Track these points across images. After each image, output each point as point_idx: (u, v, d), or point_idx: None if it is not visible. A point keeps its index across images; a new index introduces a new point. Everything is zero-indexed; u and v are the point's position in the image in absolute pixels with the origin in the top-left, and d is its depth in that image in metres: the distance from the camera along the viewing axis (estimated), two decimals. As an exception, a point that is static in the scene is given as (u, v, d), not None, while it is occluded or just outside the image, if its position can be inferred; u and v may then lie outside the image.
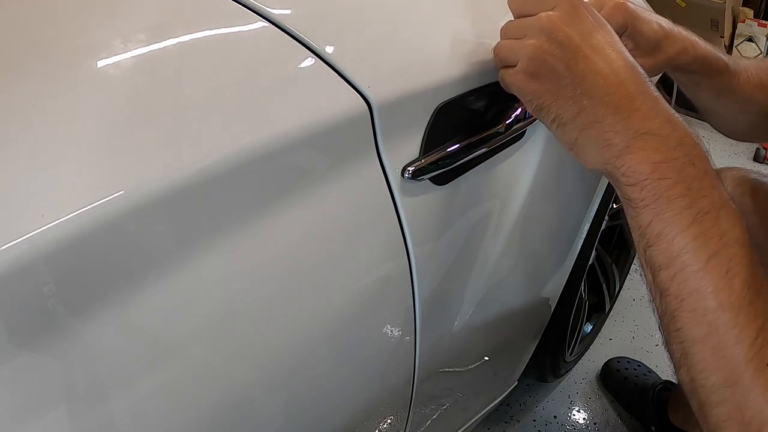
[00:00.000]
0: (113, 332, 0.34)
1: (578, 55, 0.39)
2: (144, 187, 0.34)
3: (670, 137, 0.36)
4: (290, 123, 0.41)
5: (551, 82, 0.40)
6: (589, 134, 0.38)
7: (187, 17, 0.42)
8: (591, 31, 0.40)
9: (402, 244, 0.51)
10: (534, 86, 0.41)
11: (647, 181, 0.35)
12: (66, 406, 0.33)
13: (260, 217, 0.40)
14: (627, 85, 0.38)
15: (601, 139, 0.38)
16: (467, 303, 0.65)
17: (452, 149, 0.52)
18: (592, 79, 0.38)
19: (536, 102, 0.42)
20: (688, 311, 0.35)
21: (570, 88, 0.39)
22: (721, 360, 0.34)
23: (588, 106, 0.38)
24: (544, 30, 0.40)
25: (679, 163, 0.35)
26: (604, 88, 0.38)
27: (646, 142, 0.36)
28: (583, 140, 0.39)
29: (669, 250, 0.35)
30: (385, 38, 0.50)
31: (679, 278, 0.35)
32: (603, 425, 1.23)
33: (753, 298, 0.34)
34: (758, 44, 2.51)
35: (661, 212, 0.35)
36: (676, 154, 0.35)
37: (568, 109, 0.39)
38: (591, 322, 1.34)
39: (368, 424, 0.58)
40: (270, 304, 0.42)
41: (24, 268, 0.30)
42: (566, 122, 0.40)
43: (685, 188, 0.35)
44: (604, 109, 0.37)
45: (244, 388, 0.42)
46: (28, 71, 0.35)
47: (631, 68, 0.39)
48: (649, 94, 0.38)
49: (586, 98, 0.38)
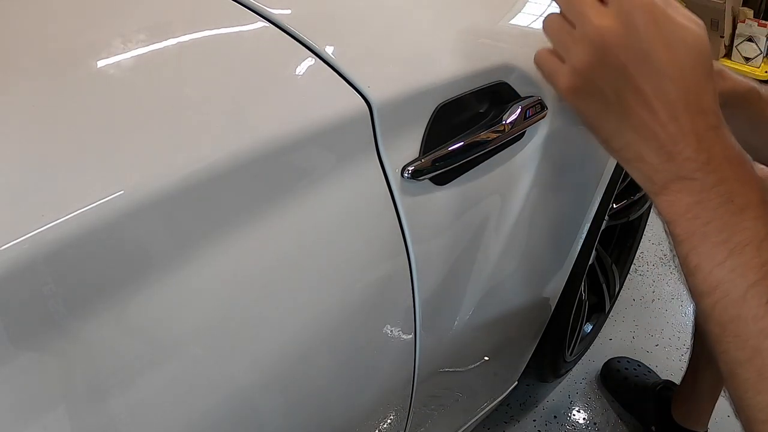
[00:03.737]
0: (113, 332, 0.34)
1: (629, 85, 0.36)
2: (144, 187, 0.34)
3: (707, 179, 0.36)
4: (290, 123, 0.41)
5: (599, 104, 0.37)
6: (633, 167, 0.38)
7: (187, 17, 0.42)
8: (649, 53, 0.36)
9: (402, 244, 0.51)
10: (583, 105, 0.38)
11: (681, 219, 0.36)
12: (66, 406, 0.33)
13: (260, 217, 0.40)
14: (678, 122, 0.36)
15: (642, 175, 0.38)
16: (467, 303, 0.65)
17: (452, 149, 0.52)
18: (640, 115, 0.36)
19: (581, 118, 0.39)
20: (731, 336, 0.35)
21: (616, 119, 0.37)
22: (765, 382, 0.34)
23: (632, 141, 0.37)
24: (594, 45, 0.36)
25: (715, 203, 0.35)
26: (651, 128, 0.36)
27: (683, 184, 0.36)
28: (629, 168, 0.39)
29: (707, 281, 0.36)
30: (385, 38, 0.50)
31: (720, 306, 0.35)
32: (603, 425, 1.23)
33: None
34: (758, 44, 2.51)
35: (696, 247, 0.36)
36: (712, 195, 0.35)
37: (615, 140, 0.38)
38: (591, 322, 1.34)
39: (368, 424, 0.58)
40: (270, 303, 0.42)
41: (24, 268, 0.30)
42: (613, 151, 0.39)
43: (720, 224, 0.35)
44: (647, 148, 0.37)
45: (243, 388, 0.42)
46: (28, 71, 0.35)
47: (684, 99, 0.36)
48: (697, 133, 0.36)
49: (631, 132, 0.37)
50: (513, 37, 0.62)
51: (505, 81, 0.57)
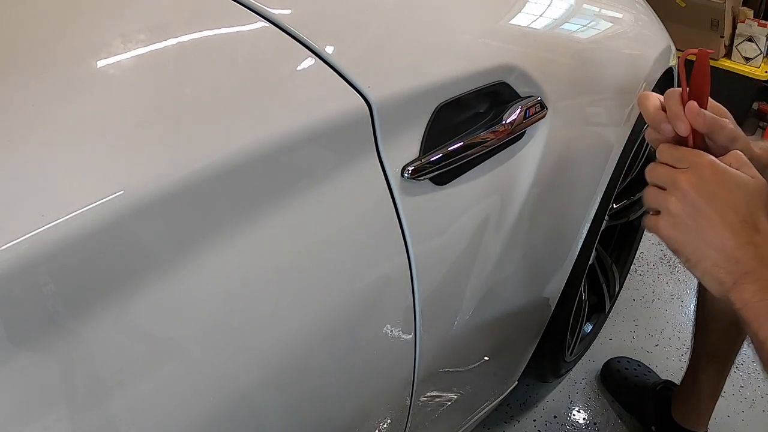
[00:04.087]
0: (113, 332, 0.34)
1: (703, 215, 0.50)
2: (144, 187, 0.34)
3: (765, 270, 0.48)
4: (290, 123, 0.41)
5: (685, 233, 0.51)
6: (710, 274, 0.50)
7: (187, 17, 0.42)
8: (715, 193, 0.51)
9: (402, 244, 0.51)
10: (673, 234, 0.52)
11: (749, 303, 0.47)
12: (66, 406, 0.33)
13: (260, 217, 0.40)
14: (737, 237, 0.49)
15: (717, 278, 0.50)
16: (467, 303, 0.65)
17: (452, 149, 0.52)
18: (711, 234, 0.50)
19: (673, 245, 0.53)
20: None
21: (695, 239, 0.51)
22: None
23: (707, 255, 0.50)
24: (680, 189, 0.52)
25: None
26: (719, 242, 0.50)
27: (748, 278, 0.48)
28: (706, 276, 0.51)
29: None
30: (385, 38, 0.50)
31: None
32: (603, 425, 1.23)
33: None
34: (758, 44, 2.51)
35: (764, 324, 0.47)
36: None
37: (695, 254, 0.51)
38: (591, 322, 1.34)
39: (368, 424, 0.58)
40: (270, 303, 0.42)
41: (24, 268, 0.30)
42: (694, 264, 0.51)
43: None
44: (718, 256, 0.50)
45: (243, 388, 0.42)
46: (29, 71, 0.35)
47: (742, 222, 0.50)
48: (752, 243, 0.49)
49: (706, 248, 0.50)
50: (513, 37, 0.62)
51: (505, 81, 0.57)
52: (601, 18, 0.84)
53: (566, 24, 0.74)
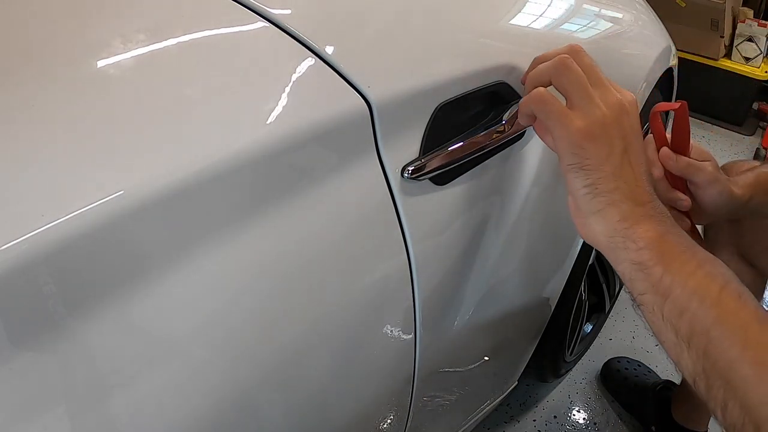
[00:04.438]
0: (113, 332, 0.34)
1: (630, 146, 0.46)
2: (144, 187, 0.34)
3: (667, 222, 0.46)
4: (290, 123, 0.41)
5: (605, 151, 0.45)
6: (610, 210, 0.46)
7: (187, 17, 0.42)
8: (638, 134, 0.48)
9: (402, 244, 0.51)
10: (589, 145, 0.45)
11: (655, 241, 0.44)
12: (66, 406, 0.33)
13: (260, 217, 0.40)
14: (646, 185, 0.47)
15: (619, 218, 0.45)
16: (467, 303, 0.65)
17: (452, 149, 0.52)
18: (630, 171, 0.46)
19: (581, 160, 0.46)
20: (717, 338, 0.39)
21: (616, 167, 0.46)
22: (761, 368, 0.37)
23: (620, 188, 0.45)
24: (619, 108, 0.47)
25: (676, 235, 0.45)
26: (635, 183, 0.46)
27: (652, 221, 0.45)
28: (603, 213, 0.46)
29: (683, 293, 0.41)
30: (385, 38, 0.50)
31: (700, 313, 0.40)
32: (603, 425, 1.23)
33: (766, 315, 0.39)
34: (758, 44, 2.51)
35: (670, 263, 0.43)
36: (675, 230, 0.45)
37: (606, 183, 0.46)
38: (591, 322, 1.34)
39: (368, 424, 0.58)
40: (270, 303, 0.42)
41: (24, 268, 0.30)
42: (599, 193, 0.46)
43: (684, 248, 0.43)
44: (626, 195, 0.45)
45: (243, 388, 0.42)
46: (28, 71, 0.35)
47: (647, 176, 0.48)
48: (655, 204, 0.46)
49: (621, 181, 0.46)
50: (513, 37, 0.62)
51: (505, 81, 0.57)
52: (601, 18, 0.84)
53: (566, 24, 0.74)
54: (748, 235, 0.92)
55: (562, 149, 0.47)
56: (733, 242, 0.95)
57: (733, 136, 2.62)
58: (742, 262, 0.96)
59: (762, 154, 2.22)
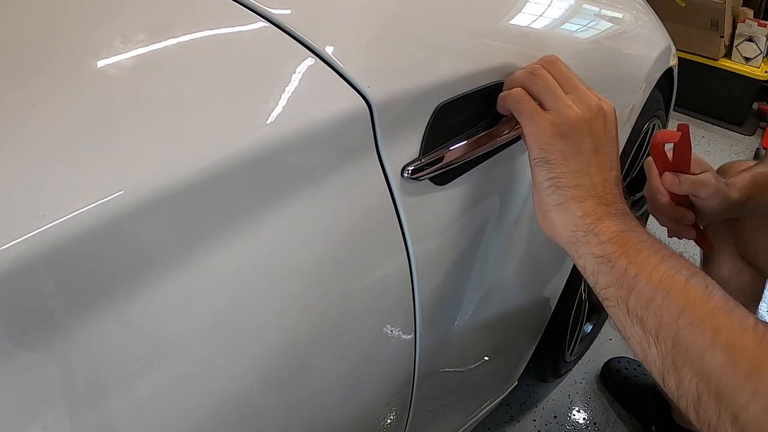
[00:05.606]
0: (113, 332, 0.34)
1: (601, 148, 0.48)
2: (144, 187, 0.34)
3: (632, 222, 0.46)
4: (290, 123, 0.41)
5: (571, 149, 0.47)
6: (572, 205, 0.46)
7: (187, 17, 0.42)
8: (612, 140, 0.50)
9: (402, 244, 0.51)
10: (556, 142, 0.47)
11: (618, 236, 0.44)
12: (66, 406, 0.33)
13: (260, 217, 0.40)
14: (617, 186, 0.49)
15: (581, 213, 0.46)
16: (467, 303, 0.65)
17: (452, 149, 0.52)
18: (597, 172, 0.47)
19: (546, 155, 0.48)
20: (687, 327, 0.38)
21: (582, 165, 0.47)
22: (735, 353, 0.36)
23: (584, 185, 0.47)
24: (593, 111, 0.49)
25: (640, 233, 0.45)
26: (602, 184, 0.47)
27: (615, 219, 0.46)
28: (565, 206, 0.47)
29: (649, 284, 0.41)
30: (385, 38, 0.50)
31: (667, 303, 0.39)
32: (603, 425, 1.23)
33: (736, 303, 0.39)
34: (758, 44, 2.51)
35: (634, 257, 0.43)
36: (639, 229, 0.46)
37: (569, 179, 0.47)
38: (591, 322, 1.34)
39: (368, 423, 0.58)
40: (270, 303, 0.42)
41: (24, 268, 0.30)
42: (561, 186, 0.47)
43: (648, 243, 0.44)
44: (590, 193, 0.47)
45: (243, 388, 0.42)
46: (28, 71, 0.35)
47: (618, 181, 0.49)
48: (621, 207, 0.48)
49: (586, 179, 0.47)
50: (513, 37, 0.62)
51: (505, 81, 0.57)
52: (601, 18, 0.84)
53: (566, 24, 0.74)
54: (746, 234, 0.92)
55: (530, 144, 0.49)
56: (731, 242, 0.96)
57: (733, 136, 2.62)
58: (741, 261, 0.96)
59: (762, 154, 2.22)
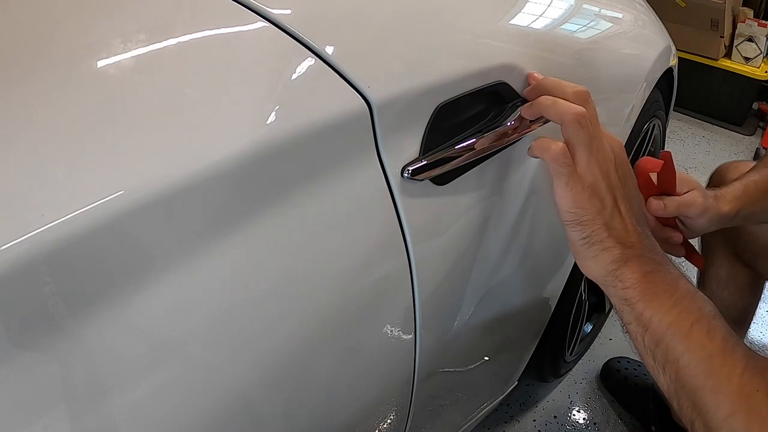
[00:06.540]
0: (113, 332, 0.34)
1: (620, 194, 0.52)
2: (144, 187, 0.34)
3: (654, 260, 0.51)
4: (290, 123, 0.41)
5: (597, 207, 0.51)
6: (604, 256, 0.51)
7: (187, 17, 0.42)
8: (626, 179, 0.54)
9: (402, 244, 0.51)
10: (588, 203, 0.51)
11: (639, 283, 0.49)
12: (66, 406, 0.33)
13: (260, 217, 0.40)
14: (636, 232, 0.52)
15: (610, 261, 0.51)
16: (467, 303, 0.65)
17: (452, 149, 0.52)
18: (620, 220, 0.52)
19: (578, 217, 0.51)
20: (685, 367, 0.45)
21: (608, 218, 0.51)
22: (718, 397, 0.43)
23: (612, 236, 0.51)
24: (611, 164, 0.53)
25: (660, 274, 0.50)
26: (624, 230, 0.52)
27: (639, 261, 0.50)
28: (598, 258, 0.52)
29: (660, 327, 0.47)
30: (385, 38, 0.50)
31: (672, 344, 0.46)
32: (603, 425, 1.23)
33: (733, 347, 0.45)
34: (758, 44, 2.51)
35: (650, 302, 0.48)
36: (659, 268, 0.51)
37: (599, 234, 0.51)
38: (591, 322, 1.34)
39: (368, 424, 0.58)
40: (269, 304, 0.42)
41: (24, 268, 0.30)
42: (594, 243, 0.51)
43: (665, 286, 0.49)
44: (616, 240, 0.51)
45: (243, 388, 0.42)
46: (28, 71, 0.35)
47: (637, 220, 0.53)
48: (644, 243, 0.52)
49: (613, 231, 0.51)
50: (513, 37, 0.62)
51: (505, 81, 0.57)
52: (601, 18, 0.84)
53: (566, 24, 0.74)
54: (742, 238, 0.92)
55: (562, 206, 0.52)
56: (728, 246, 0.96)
57: (733, 136, 2.62)
58: (738, 263, 0.96)
59: (762, 154, 2.22)
